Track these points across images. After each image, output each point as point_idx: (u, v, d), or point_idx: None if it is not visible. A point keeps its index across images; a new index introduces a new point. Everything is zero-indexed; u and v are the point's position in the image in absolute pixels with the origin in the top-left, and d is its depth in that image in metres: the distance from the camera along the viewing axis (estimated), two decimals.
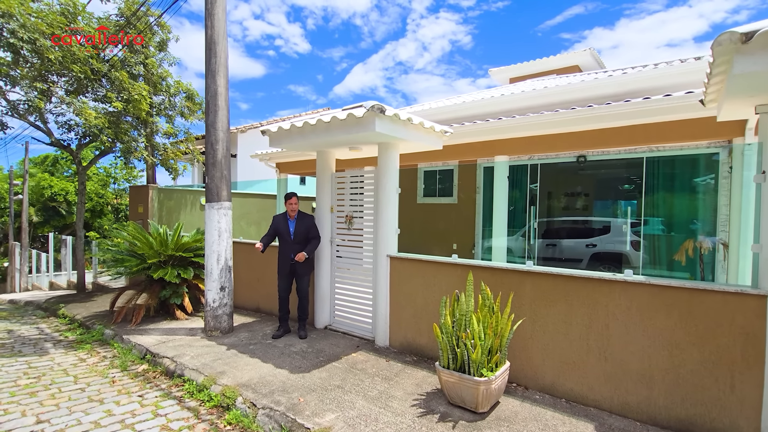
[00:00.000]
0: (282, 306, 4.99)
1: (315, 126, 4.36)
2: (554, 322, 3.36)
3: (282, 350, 4.47)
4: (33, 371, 4.28)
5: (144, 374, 4.21)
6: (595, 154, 7.55)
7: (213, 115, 5.06)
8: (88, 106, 6.65)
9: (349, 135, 4.13)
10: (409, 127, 4.29)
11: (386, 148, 4.53)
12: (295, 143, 4.71)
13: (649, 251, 7.52)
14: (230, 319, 5.16)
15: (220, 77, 5.08)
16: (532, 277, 3.47)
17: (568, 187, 9.72)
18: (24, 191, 17.56)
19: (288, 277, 4.93)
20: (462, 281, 3.88)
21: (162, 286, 5.97)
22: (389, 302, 4.55)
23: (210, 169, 5.07)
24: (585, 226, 9.31)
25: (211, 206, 5.06)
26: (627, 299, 3.03)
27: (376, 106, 3.79)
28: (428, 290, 4.19)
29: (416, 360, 4.19)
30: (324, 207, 5.24)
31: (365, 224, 4.91)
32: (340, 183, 5.19)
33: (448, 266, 4.03)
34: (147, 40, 8.43)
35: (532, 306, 3.48)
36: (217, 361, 4.17)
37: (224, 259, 5.09)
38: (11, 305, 9.24)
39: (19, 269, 16.83)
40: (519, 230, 8.97)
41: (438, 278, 4.11)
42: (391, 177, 4.53)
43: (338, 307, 5.22)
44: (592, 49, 11.49)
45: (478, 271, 3.75)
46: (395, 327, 4.51)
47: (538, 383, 3.46)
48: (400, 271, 4.45)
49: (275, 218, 4.99)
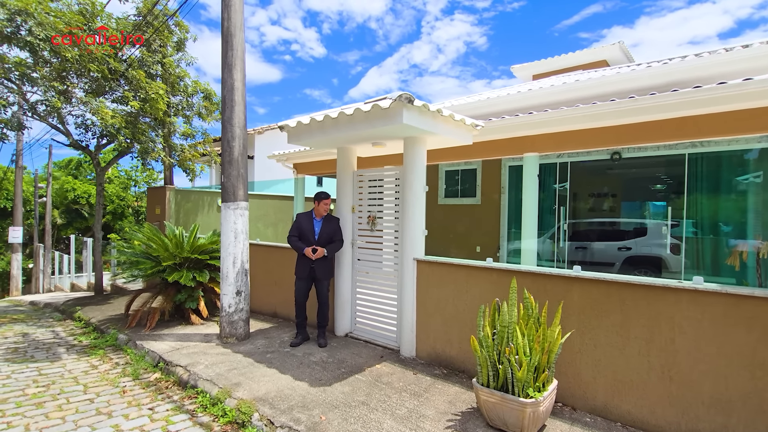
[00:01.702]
0: (299, 312, 4.70)
1: (336, 119, 4.07)
2: (607, 334, 2.98)
3: (301, 360, 4.18)
4: (43, 378, 4.09)
5: (156, 384, 3.97)
6: (630, 151, 7.08)
7: (229, 110, 4.82)
8: (105, 106, 6.53)
9: (373, 129, 3.82)
10: (438, 120, 3.96)
11: (413, 143, 4.20)
12: (315, 139, 4.43)
13: (691, 255, 6.99)
14: (246, 325, 4.90)
15: (236, 71, 4.85)
16: (581, 284, 3.09)
17: (600, 187, 9.22)
18: (47, 194, 17.84)
19: (307, 282, 4.65)
20: (497, 288, 3.52)
21: (177, 290, 5.76)
22: (416, 309, 4.21)
23: (226, 168, 4.83)
24: (618, 227, 8.79)
25: (227, 206, 4.82)
26: (697, 310, 2.62)
27: (404, 96, 3.47)
28: (460, 297, 3.84)
29: (446, 373, 3.84)
30: (345, 207, 4.95)
31: (389, 225, 4.60)
32: (361, 182, 4.89)
33: (482, 271, 3.67)
34: (164, 39, 8.33)
35: (581, 316, 3.09)
36: (232, 371, 3.90)
37: (240, 262, 4.84)
38: (31, 307, 9.24)
39: (42, 270, 17.09)
40: (546, 232, 8.52)
41: (471, 284, 3.75)
42: (418, 174, 4.20)
43: (360, 314, 4.91)
44: (621, 42, 10.95)
45: (519, 276, 3.38)
46: (422, 336, 4.17)
47: (588, 404, 3.07)
48: (428, 275, 4.11)
49: (299, 217, 4.69)
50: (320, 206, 4.64)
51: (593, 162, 7.74)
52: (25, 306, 9.50)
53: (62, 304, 8.05)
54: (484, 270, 3.65)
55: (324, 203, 4.64)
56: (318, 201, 4.63)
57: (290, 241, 4.63)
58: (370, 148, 4.97)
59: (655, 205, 9.05)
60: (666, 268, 7.34)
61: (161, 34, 8.24)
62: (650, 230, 7.84)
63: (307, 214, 4.69)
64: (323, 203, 4.64)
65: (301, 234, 4.61)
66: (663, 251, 7.33)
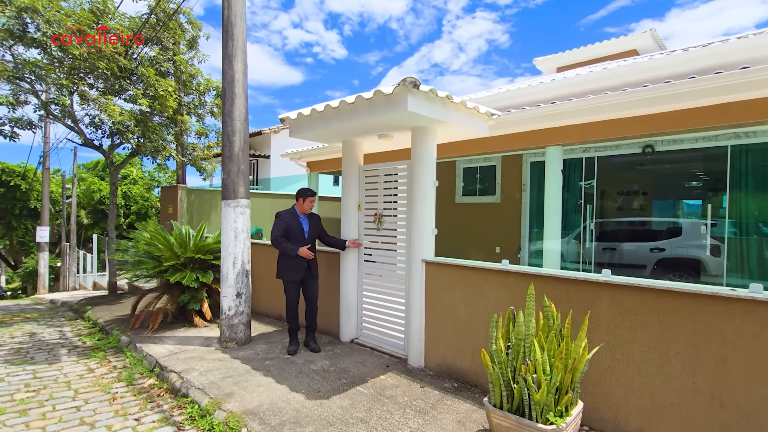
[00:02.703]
0: (294, 317, 4.41)
1: (338, 109, 3.77)
2: (642, 350, 2.55)
3: (300, 368, 3.89)
4: (36, 383, 3.94)
5: (149, 390, 3.76)
6: (665, 144, 6.51)
7: (230, 103, 4.59)
8: (113, 103, 6.45)
9: (377, 117, 3.49)
10: (449, 107, 3.60)
11: (421, 134, 3.85)
12: (317, 131, 4.14)
13: (733, 258, 6.37)
14: (247, 329, 4.65)
15: (237, 62, 4.61)
16: (611, 291, 2.67)
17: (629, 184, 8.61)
18: (72, 194, 18.29)
19: (300, 284, 4.37)
20: (515, 293, 3.13)
21: (181, 291, 5.59)
22: (424, 315, 3.86)
23: (226, 163, 4.60)
24: (650, 227, 8.18)
25: (227, 204, 4.59)
26: (756, 324, 2.18)
27: (409, 80, 3.13)
28: (472, 303, 3.47)
29: (457, 387, 3.47)
30: (350, 204, 4.64)
31: (398, 224, 4.26)
32: (368, 177, 4.57)
33: (497, 274, 3.29)
34: (177, 37, 8.25)
35: (611, 328, 2.68)
36: (226, 380, 3.65)
37: (241, 263, 4.60)
38: (50, 305, 9.34)
39: (68, 269, 17.53)
40: (571, 232, 8.00)
41: (485, 288, 3.37)
42: (426, 168, 3.85)
43: (366, 319, 4.59)
44: (653, 30, 10.25)
45: (538, 281, 2.99)
46: (432, 345, 3.81)
47: (620, 428, 2.65)
48: (438, 278, 3.75)
49: (284, 216, 4.31)
50: (306, 203, 4.36)
51: (623, 157, 7.18)
52: (44, 304, 9.62)
53: (76, 303, 8.06)
54: (500, 273, 3.26)
55: (310, 200, 4.38)
56: (304, 198, 4.35)
57: (277, 244, 4.21)
58: (378, 141, 4.65)
59: (690, 204, 8.38)
60: (705, 272, 6.72)
61: (173, 32, 8.16)
62: (686, 230, 7.23)
63: (290, 212, 4.37)
64: (309, 200, 4.37)
65: (287, 234, 4.28)
66: (702, 253, 6.72)
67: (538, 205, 8.05)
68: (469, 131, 4.06)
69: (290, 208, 4.38)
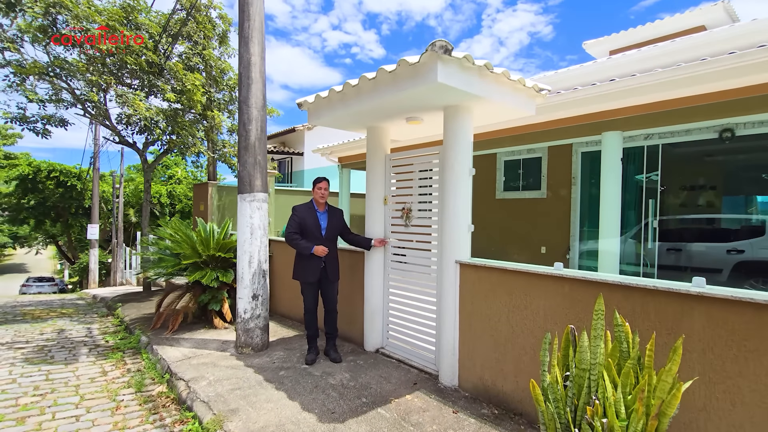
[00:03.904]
0: (312, 322, 3.98)
1: (358, 87, 3.29)
2: (756, 387, 1.88)
3: (317, 382, 3.45)
4: (46, 385, 3.76)
5: (156, 399, 3.46)
6: (748, 127, 5.52)
7: (246, 89, 4.24)
8: (138, 98, 6.35)
9: (402, 93, 2.98)
10: (488, 79, 3.02)
11: (455, 114, 3.29)
12: (336, 114, 3.68)
13: None
14: (264, 333, 4.29)
15: (254, 44, 4.25)
16: (708, 306, 2.01)
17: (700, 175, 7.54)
18: (120, 194, 19.08)
19: (317, 286, 3.93)
20: (571, 305, 2.51)
21: (203, 290, 5.34)
22: (458, 326, 3.30)
23: (242, 154, 4.25)
24: (724, 225, 7.11)
25: (242, 198, 4.24)
26: None
27: (438, 44, 2.60)
28: (516, 314, 2.88)
29: (497, 415, 2.89)
30: (375, 198, 4.15)
31: (432, 219, 3.73)
32: (396, 166, 4.06)
33: (548, 280, 2.68)
34: (207, 32, 8.12)
35: (707, 356, 2.02)
36: (234, 392, 3.27)
37: (257, 262, 4.24)
38: (91, 301, 9.55)
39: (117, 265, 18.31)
40: (628, 230, 7.10)
41: (532, 297, 2.78)
42: (461, 153, 3.28)
43: (393, 327, 4.09)
44: (725, 1, 9.00)
45: (605, 291, 2.36)
46: (467, 361, 3.25)
47: None
48: (475, 283, 3.18)
49: (298, 210, 3.88)
50: (316, 192, 3.90)
51: (693, 144, 6.22)
52: (86, 299, 9.87)
53: (110, 299, 8.13)
54: (551, 279, 2.65)
55: (318, 187, 3.89)
56: (314, 186, 3.90)
57: (290, 241, 3.79)
58: (406, 128, 4.13)
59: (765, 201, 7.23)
60: None
61: (203, 26, 8.05)
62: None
63: (306, 206, 3.92)
64: (317, 188, 3.89)
65: (303, 231, 3.84)
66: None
67: (590, 200, 7.21)
68: (513, 110, 3.45)
69: (308, 202, 3.96)
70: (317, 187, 3.89)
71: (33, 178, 22.00)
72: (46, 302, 9.07)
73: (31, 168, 21.96)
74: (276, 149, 16.13)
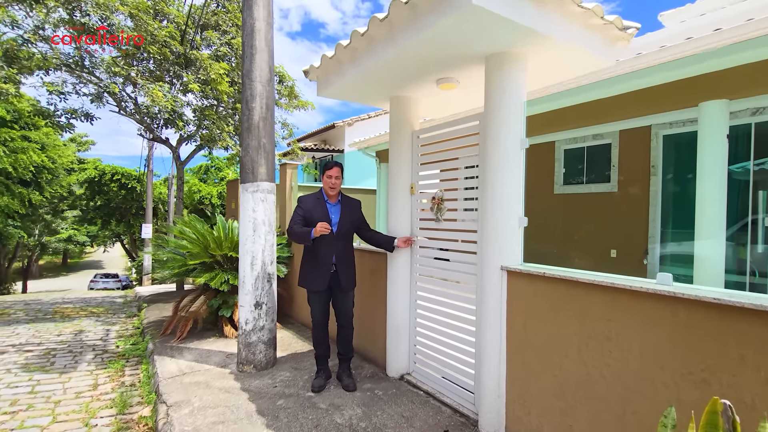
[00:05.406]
0: (320, 339, 3.21)
1: (368, 35, 2.49)
2: None
3: (320, 419, 2.69)
4: (26, 400, 3.33)
5: (132, 428, 2.89)
6: None
7: (249, 60, 3.60)
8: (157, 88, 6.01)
9: (424, 32, 2.15)
10: (548, 6, 2.10)
11: (500, 64, 2.40)
12: (348, 78, 2.91)
13: None
14: (269, 349, 3.61)
15: (258, 7, 3.60)
16: None
17: None
18: (169, 194, 19.74)
19: (326, 294, 3.15)
20: (693, 342, 1.55)
21: (215, 294, 4.81)
22: (505, 357, 2.40)
23: (244, 137, 3.62)
24: None
25: (245, 188, 3.60)
26: None
27: None
28: (594, 348, 1.94)
29: None
30: (400, 186, 3.32)
31: (468, 212, 2.86)
32: (426, 145, 3.22)
33: (649, 300, 1.72)
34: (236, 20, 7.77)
35: None
36: (216, 427, 2.60)
37: (261, 263, 3.57)
38: (131, 299, 9.56)
39: None
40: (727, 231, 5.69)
41: (620, 325, 1.83)
42: (509, 119, 2.38)
43: (421, 348, 3.24)
44: None
45: (739, 318, 1.38)
46: (518, 408, 2.34)
47: None
48: (529, 299, 2.27)
49: (303, 201, 3.14)
50: (325, 181, 3.09)
51: None
52: (127, 298, 9.91)
53: (144, 298, 7.97)
54: (653, 298, 1.69)
55: (328, 174, 3.08)
56: (323, 173, 3.10)
57: (290, 234, 3.06)
58: (437, 97, 3.28)
59: None
60: None
61: (233, 15, 7.70)
62: None
63: (313, 197, 3.15)
64: (326, 175, 3.08)
65: (308, 225, 3.05)
66: None
67: (674, 193, 5.90)
68: (584, 58, 2.49)
69: (316, 192, 3.21)
70: (326, 174, 3.10)
71: (99, 181, 23.53)
72: (84, 299, 9.15)
73: (97, 171, 23.51)
74: (316, 147, 15.79)
